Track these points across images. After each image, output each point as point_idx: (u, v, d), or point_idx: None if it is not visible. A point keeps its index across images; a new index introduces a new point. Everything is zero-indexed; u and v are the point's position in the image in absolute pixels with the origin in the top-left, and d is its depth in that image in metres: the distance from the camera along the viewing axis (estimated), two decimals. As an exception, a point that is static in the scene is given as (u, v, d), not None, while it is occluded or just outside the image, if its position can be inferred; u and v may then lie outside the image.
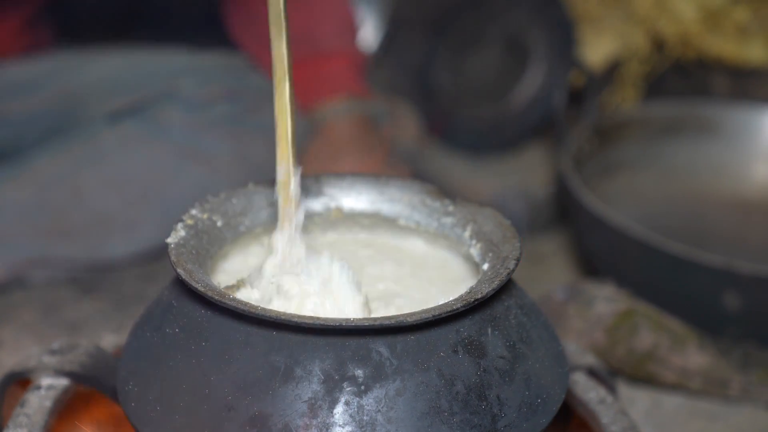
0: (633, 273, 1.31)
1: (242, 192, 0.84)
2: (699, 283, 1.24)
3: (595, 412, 0.85)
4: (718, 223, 1.55)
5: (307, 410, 0.67)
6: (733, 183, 1.60)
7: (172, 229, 0.77)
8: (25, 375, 0.84)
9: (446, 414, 0.68)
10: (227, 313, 0.70)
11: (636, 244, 1.27)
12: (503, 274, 0.73)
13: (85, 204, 1.37)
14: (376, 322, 0.67)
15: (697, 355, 1.21)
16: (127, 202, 1.40)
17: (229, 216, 0.82)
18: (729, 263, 1.20)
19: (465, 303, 0.69)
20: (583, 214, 1.36)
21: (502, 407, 0.70)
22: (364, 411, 0.67)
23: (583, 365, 0.90)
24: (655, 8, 1.82)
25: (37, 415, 0.80)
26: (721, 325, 1.25)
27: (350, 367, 0.68)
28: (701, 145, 1.61)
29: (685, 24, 1.80)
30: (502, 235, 0.79)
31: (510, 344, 0.73)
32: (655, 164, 1.61)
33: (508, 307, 0.76)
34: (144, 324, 0.77)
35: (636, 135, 1.60)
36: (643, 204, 1.56)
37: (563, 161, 1.43)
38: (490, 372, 0.71)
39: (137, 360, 0.75)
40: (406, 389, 0.68)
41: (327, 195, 0.87)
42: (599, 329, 1.21)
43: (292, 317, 0.67)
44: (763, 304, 1.23)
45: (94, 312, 1.35)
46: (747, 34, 1.79)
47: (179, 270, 0.71)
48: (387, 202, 0.86)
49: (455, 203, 0.84)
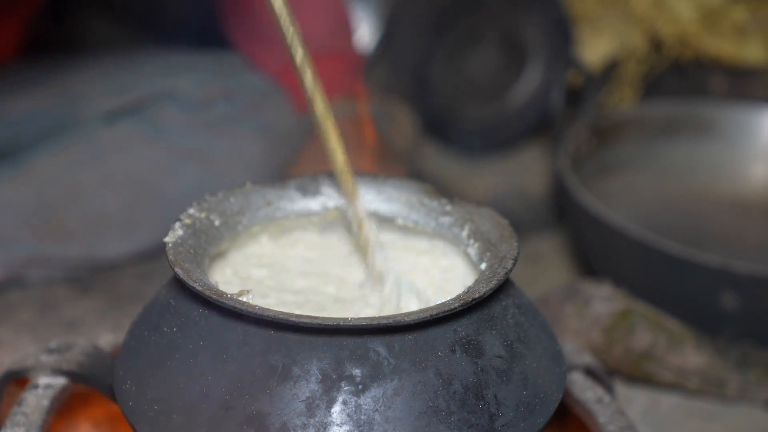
0: (630, 273, 1.31)
1: (240, 191, 0.84)
2: (696, 283, 1.24)
3: (592, 411, 0.85)
4: (716, 223, 1.55)
5: (304, 409, 0.67)
6: (731, 183, 1.60)
7: (170, 228, 0.77)
8: (23, 374, 0.84)
9: (444, 413, 0.68)
10: (225, 312, 0.70)
11: (633, 244, 1.27)
12: (501, 274, 0.73)
13: (83, 203, 1.37)
14: (374, 321, 0.67)
15: (695, 355, 1.21)
16: (125, 201, 1.40)
17: (226, 215, 0.82)
18: (726, 263, 1.21)
19: (462, 302, 0.69)
20: (581, 213, 1.36)
21: (500, 407, 0.70)
22: (362, 410, 0.67)
23: (580, 365, 0.90)
24: (653, 8, 1.82)
25: (35, 414, 0.80)
26: (719, 325, 1.26)
27: (348, 367, 0.68)
28: (699, 145, 1.62)
29: (683, 24, 1.80)
30: (499, 234, 0.79)
31: (507, 344, 0.73)
32: (653, 164, 1.61)
33: (506, 307, 0.76)
34: (142, 323, 0.77)
35: (634, 135, 1.60)
36: (641, 204, 1.56)
37: (561, 161, 1.43)
38: (487, 371, 0.71)
39: (135, 359, 0.75)
40: (404, 389, 0.68)
41: (325, 194, 0.87)
42: (596, 329, 1.22)
43: (290, 316, 0.67)
44: (760, 303, 1.23)
45: (92, 311, 1.35)
46: (745, 34, 1.79)
47: (177, 269, 0.71)
48: (385, 202, 0.86)
49: (453, 203, 0.84)
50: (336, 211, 0.87)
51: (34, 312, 1.34)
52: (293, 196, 0.86)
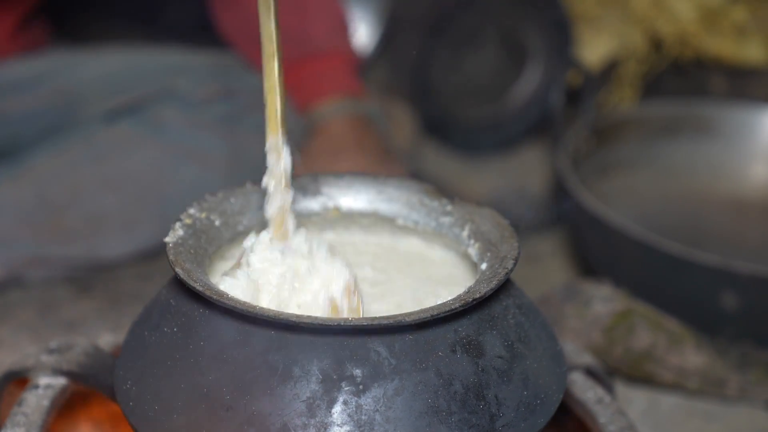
0: (630, 273, 1.31)
1: (240, 191, 0.84)
2: (696, 283, 1.24)
3: (592, 411, 0.85)
4: (716, 223, 1.55)
5: (305, 410, 0.67)
6: (731, 183, 1.60)
7: (170, 228, 0.77)
8: (23, 374, 0.84)
9: (444, 414, 0.68)
10: (225, 312, 0.70)
11: (633, 244, 1.27)
12: (501, 274, 0.73)
13: (83, 203, 1.37)
14: (375, 321, 0.67)
15: (695, 355, 1.21)
16: (125, 201, 1.40)
17: (227, 215, 0.82)
18: (726, 263, 1.21)
19: (463, 303, 0.69)
20: (581, 213, 1.36)
21: (500, 407, 0.70)
22: (363, 410, 0.67)
23: (580, 365, 0.90)
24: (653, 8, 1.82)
25: (35, 414, 0.80)
26: (719, 325, 1.25)
27: (348, 367, 0.68)
28: (699, 145, 1.61)
29: (683, 24, 1.80)
30: (500, 234, 0.79)
31: (508, 344, 0.73)
32: (653, 164, 1.61)
33: (507, 307, 0.76)
34: (142, 323, 0.77)
35: (633, 135, 1.60)
36: (641, 204, 1.56)
37: (560, 160, 1.43)
38: (488, 372, 0.71)
39: (135, 359, 0.75)
40: (405, 389, 0.68)
41: (325, 194, 0.87)
42: (597, 329, 1.22)
43: (290, 317, 0.67)
44: (760, 304, 1.23)
45: (92, 311, 1.35)
46: (745, 34, 1.80)
47: (177, 269, 0.71)
48: (385, 202, 0.86)
49: (453, 203, 0.84)
50: (336, 211, 0.87)
51: (34, 312, 1.34)
52: (293, 196, 0.86)
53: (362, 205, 0.87)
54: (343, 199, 0.87)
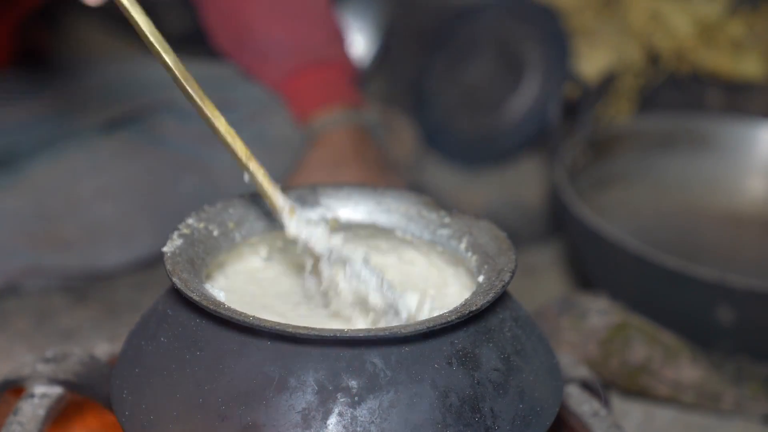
0: (627, 286, 1.32)
1: (238, 202, 0.84)
2: (692, 297, 1.24)
3: (588, 424, 0.85)
4: (712, 237, 1.55)
5: (300, 421, 0.67)
6: (727, 197, 1.60)
7: (168, 238, 0.77)
8: (19, 383, 0.84)
9: (440, 426, 0.68)
10: (222, 322, 0.70)
11: (630, 258, 1.27)
12: (498, 287, 0.73)
13: (81, 213, 1.37)
14: (371, 333, 0.68)
15: (690, 369, 1.21)
16: (123, 211, 1.39)
17: (225, 226, 0.82)
18: (722, 277, 1.21)
19: (459, 315, 0.69)
20: (577, 226, 1.36)
21: (496, 420, 0.70)
22: (358, 422, 0.67)
23: (576, 378, 0.90)
24: (651, 22, 1.83)
25: (31, 423, 0.80)
26: (714, 339, 1.26)
27: (344, 378, 0.68)
28: (695, 159, 1.62)
29: (680, 38, 1.80)
30: (497, 247, 0.79)
31: (504, 357, 0.73)
32: (649, 177, 1.61)
33: (503, 320, 0.76)
34: (139, 333, 0.77)
35: (630, 148, 1.61)
36: (637, 217, 1.56)
37: (557, 174, 1.43)
38: (484, 384, 0.71)
39: (131, 368, 0.75)
40: (400, 401, 0.68)
41: (323, 205, 0.87)
42: (593, 342, 1.22)
43: (287, 327, 0.67)
44: (756, 318, 1.23)
45: (88, 320, 1.35)
46: (741, 49, 1.80)
47: (175, 279, 0.71)
48: (384, 213, 0.87)
49: (451, 215, 0.84)
50: (335, 222, 0.87)
51: (31, 321, 1.34)
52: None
53: (361, 217, 0.87)
54: (342, 211, 0.87)
